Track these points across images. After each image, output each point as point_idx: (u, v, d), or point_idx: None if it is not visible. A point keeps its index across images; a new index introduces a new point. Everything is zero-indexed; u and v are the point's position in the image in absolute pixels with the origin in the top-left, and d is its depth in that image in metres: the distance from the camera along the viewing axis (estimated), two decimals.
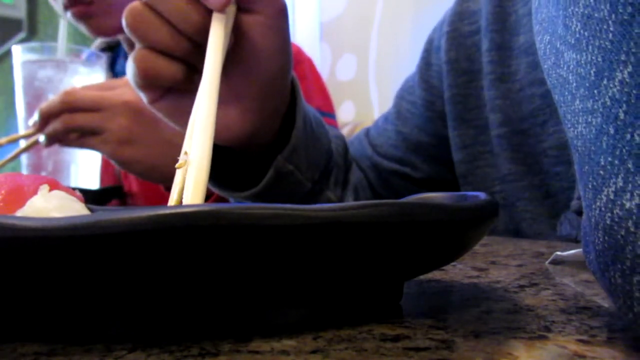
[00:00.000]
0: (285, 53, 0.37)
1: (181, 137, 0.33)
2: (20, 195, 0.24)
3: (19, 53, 0.64)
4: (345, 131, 1.40)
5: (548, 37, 0.17)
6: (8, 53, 0.76)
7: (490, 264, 0.31)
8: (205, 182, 0.24)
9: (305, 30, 2.06)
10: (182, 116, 0.36)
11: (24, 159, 0.64)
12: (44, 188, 0.20)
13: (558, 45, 0.16)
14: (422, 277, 0.26)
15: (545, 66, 0.17)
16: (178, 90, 0.36)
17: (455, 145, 0.52)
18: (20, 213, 0.19)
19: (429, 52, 0.56)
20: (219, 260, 0.15)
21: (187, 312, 0.17)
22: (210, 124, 0.27)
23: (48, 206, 0.19)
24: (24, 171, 0.65)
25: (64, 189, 0.22)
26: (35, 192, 0.20)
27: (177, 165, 0.24)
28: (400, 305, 0.21)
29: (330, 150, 0.45)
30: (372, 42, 1.82)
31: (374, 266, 0.18)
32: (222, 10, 0.32)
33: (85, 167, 0.66)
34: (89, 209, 0.21)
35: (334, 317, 0.18)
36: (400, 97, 0.59)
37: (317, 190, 0.44)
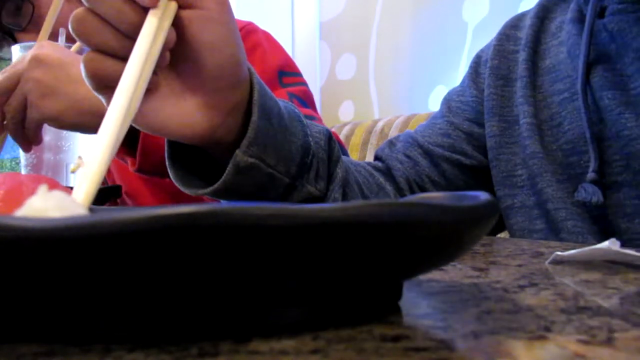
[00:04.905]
0: (232, 45, 0.37)
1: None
2: (19, 195, 0.24)
3: (18, 53, 0.63)
4: (345, 131, 1.40)
5: None
6: (7, 52, 0.77)
7: (490, 264, 0.31)
8: (96, 185, 0.24)
9: (304, 29, 2.06)
10: (144, 117, 0.37)
11: (23, 159, 0.64)
12: (43, 188, 0.20)
13: None
14: (422, 277, 0.26)
15: None
16: None
17: (487, 134, 0.61)
18: (19, 213, 0.19)
19: (478, 64, 0.66)
20: (218, 260, 0.15)
21: (186, 313, 0.17)
22: (116, 126, 0.27)
23: (47, 206, 0.19)
24: (23, 171, 0.65)
25: (63, 189, 0.22)
26: (34, 192, 0.20)
27: (71, 169, 0.25)
28: (400, 305, 0.21)
29: (308, 144, 0.45)
30: (371, 41, 1.82)
31: (374, 266, 0.17)
32: (154, 6, 0.33)
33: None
34: (89, 209, 0.21)
35: (333, 317, 0.18)
36: (449, 99, 0.67)
37: (297, 185, 0.44)
